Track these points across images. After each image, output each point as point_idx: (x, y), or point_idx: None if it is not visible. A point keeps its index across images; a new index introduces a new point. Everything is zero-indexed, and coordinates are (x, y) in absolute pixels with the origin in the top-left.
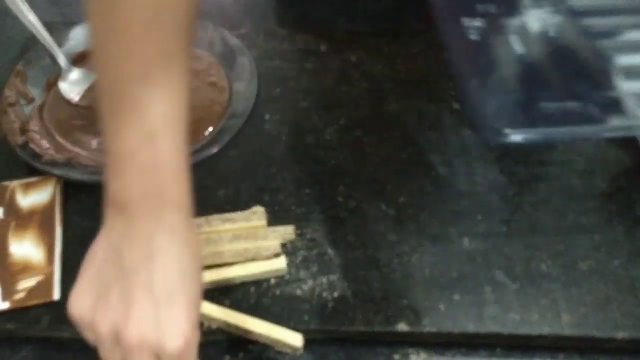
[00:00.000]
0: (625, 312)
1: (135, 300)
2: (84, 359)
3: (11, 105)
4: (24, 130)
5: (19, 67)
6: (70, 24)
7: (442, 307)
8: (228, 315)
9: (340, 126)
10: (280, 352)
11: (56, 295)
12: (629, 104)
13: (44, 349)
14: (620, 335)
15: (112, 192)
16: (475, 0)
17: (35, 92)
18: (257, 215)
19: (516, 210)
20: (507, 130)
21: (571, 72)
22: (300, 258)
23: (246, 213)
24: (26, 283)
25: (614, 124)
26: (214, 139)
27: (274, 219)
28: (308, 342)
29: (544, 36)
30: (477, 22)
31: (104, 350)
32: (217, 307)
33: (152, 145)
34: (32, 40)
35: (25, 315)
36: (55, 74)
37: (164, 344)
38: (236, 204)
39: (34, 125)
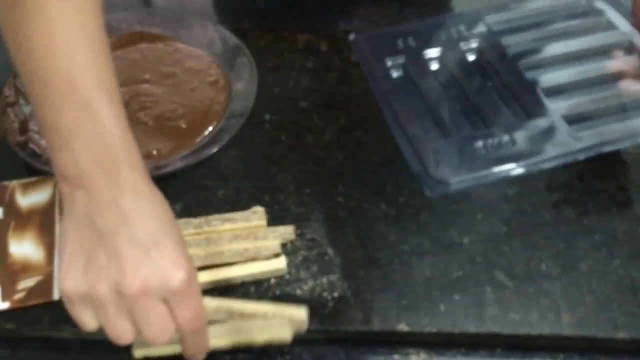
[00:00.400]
0: (626, 312)
1: (124, 253)
2: (84, 359)
3: (10, 105)
4: (23, 130)
5: None
6: None
7: (442, 307)
8: (228, 304)
9: (340, 126)
10: (280, 352)
11: (56, 295)
12: (559, 127)
13: (44, 349)
14: (621, 335)
15: (62, 168)
16: (395, 36)
17: None
18: (257, 215)
19: (516, 210)
20: (451, 180)
21: (499, 102)
22: (300, 258)
23: (246, 213)
24: (26, 283)
25: (551, 154)
26: (213, 138)
27: (274, 219)
28: (308, 342)
29: (465, 63)
30: (399, 59)
31: (110, 315)
32: (213, 298)
33: (91, 114)
34: None
35: (25, 315)
36: None
37: (167, 282)
38: (236, 204)
39: (33, 125)
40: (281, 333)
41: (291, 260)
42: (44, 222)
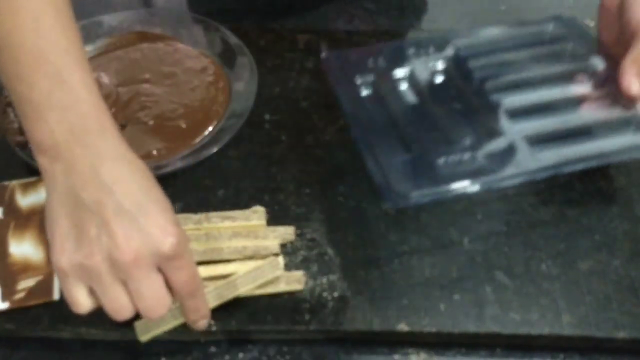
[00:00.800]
0: (626, 312)
1: (113, 224)
2: (84, 359)
3: (10, 104)
4: (23, 130)
5: None
6: None
7: (442, 307)
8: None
9: (340, 126)
10: (280, 352)
11: (56, 295)
12: (520, 147)
13: (44, 349)
14: (621, 335)
15: (39, 140)
16: (365, 56)
17: None
18: (257, 215)
19: (516, 210)
20: (412, 194)
21: (463, 121)
22: (300, 258)
23: (246, 212)
24: (26, 283)
25: (509, 173)
26: (213, 138)
27: (274, 219)
28: (308, 342)
29: (432, 84)
30: (369, 77)
31: (107, 285)
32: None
33: (63, 83)
34: None
35: (25, 315)
36: None
37: (159, 248)
38: (236, 204)
39: None
40: (271, 272)
41: (291, 260)
42: (44, 222)
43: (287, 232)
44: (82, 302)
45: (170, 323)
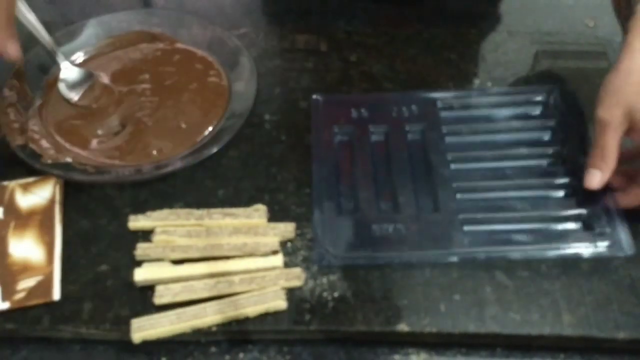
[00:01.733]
0: (626, 312)
1: None
2: (84, 359)
3: (11, 105)
4: (23, 130)
5: (19, 67)
6: (69, 23)
7: (442, 307)
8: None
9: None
10: (280, 352)
11: (56, 295)
12: (456, 225)
13: (44, 349)
14: (621, 335)
15: None
16: (350, 104)
17: (35, 92)
18: (258, 213)
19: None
20: (336, 253)
21: (413, 192)
22: (300, 258)
23: (248, 210)
24: (26, 283)
25: (433, 253)
26: (213, 138)
27: (274, 219)
28: (308, 342)
29: (401, 145)
30: (348, 128)
31: None
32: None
33: None
34: (31, 40)
35: (25, 315)
36: (55, 74)
37: None
38: (236, 204)
39: (33, 125)
40: (276, 304)
41: (291, 260)
42: (44, 222)
43: (287, 230)
44: None
45: (166, 328)
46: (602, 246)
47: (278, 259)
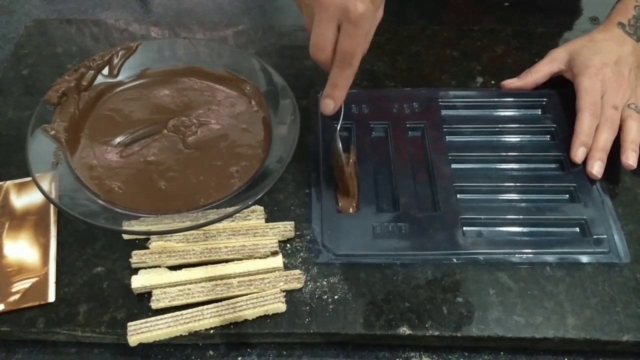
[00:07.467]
0: (630, 315)
1: None
2: None
3: (88, 67)
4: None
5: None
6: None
7: (444, 309)
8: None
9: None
10: (280, 356)
11: (51, 297)
12: (456, 227)
13: (39, 351)
14: (625, 337)
15: None
16: (351, 101)
17: (122, 75)
18: (256, 214)
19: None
20: (337, 251)
21: (413, 190)
22: (299, 260)
23: (245, 211)
24: (21, 285)
25: (434, 254)
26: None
27: (273, 220)
28: (309, 346)
29: (403, 142)
30: (348, 123)
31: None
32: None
33: None
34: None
35: (20, 317)
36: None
37: (347, 6)
38: None
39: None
40: (275, 307)
41: (291, 262)
42: (38, 223)
43: (286, 229)
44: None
45: (163, 331)
46: (599, 252)
47: (278, 260)
